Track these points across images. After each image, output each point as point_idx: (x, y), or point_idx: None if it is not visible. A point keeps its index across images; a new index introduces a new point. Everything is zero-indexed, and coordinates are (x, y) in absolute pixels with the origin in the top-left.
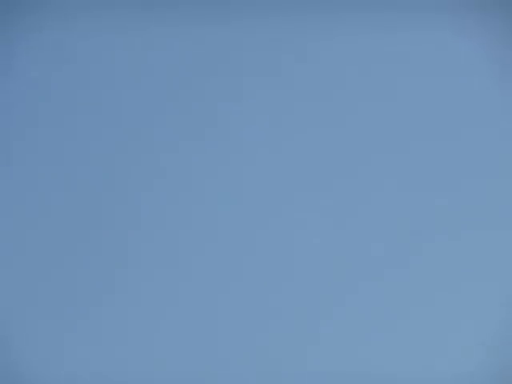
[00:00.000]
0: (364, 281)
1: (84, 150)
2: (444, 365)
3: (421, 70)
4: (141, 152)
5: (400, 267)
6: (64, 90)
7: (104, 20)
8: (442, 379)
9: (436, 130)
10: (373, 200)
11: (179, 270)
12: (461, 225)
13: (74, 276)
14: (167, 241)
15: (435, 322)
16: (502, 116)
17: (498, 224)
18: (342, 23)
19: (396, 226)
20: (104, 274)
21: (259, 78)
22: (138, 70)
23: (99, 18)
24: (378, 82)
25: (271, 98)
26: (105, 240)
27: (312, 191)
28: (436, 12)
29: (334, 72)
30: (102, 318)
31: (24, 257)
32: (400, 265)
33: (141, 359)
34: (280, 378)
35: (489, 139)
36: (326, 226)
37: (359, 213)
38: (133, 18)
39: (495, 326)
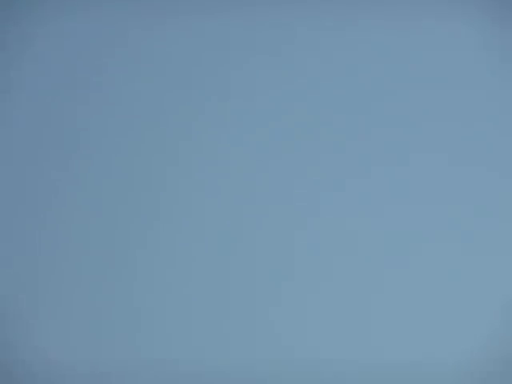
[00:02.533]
0: (365, 279)
1: (85, 144)
2: (444, 355)
3: (420, 59)
4: (142, 146)
5: (400, 265)
6: (66, 86)
7: (105, 14)
8: (441, 368)
9: (437, 120)
10: (375, 198)
11: (180, 269)
12: (462, 221)
13: (77, 272)
14: (167, 240)
15: (434, 315)
16: (502, 106)
17: (500, 220)
18: (345, 14)
19: (397, 226)
20: (105, 271)
21: (261, 72)
22: (139, 64)
23: (100, 12)
24: (379, 71)
25: (274, 92)
26: (108, 237)
27: (316, 188)
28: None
29: (337, 64)
30: (102, 314)
31: (27, 254)
32: (400, 262)
33: (143, 354)
34: (281, 371)
35: (489, 129)
36: (326, 227)
37: (360, 211)
38: (134, 12)
39: (495, 317)
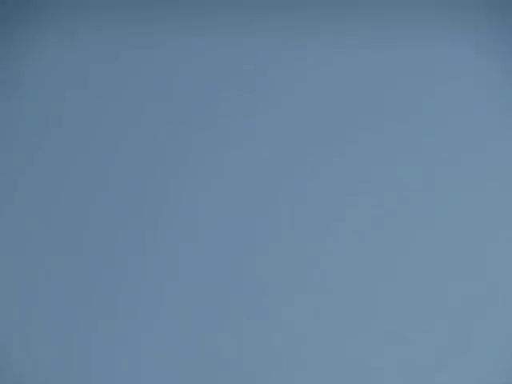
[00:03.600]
0: (363, 291)
1: (88, 155)
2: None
3: (420, 78)
4: (143, 157)
5: (397, 273)
6: (71, 99)
7: (109, 28)
8: None
9: (436, 137)
10: (373, 202)
11: (179, 271)
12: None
13: (75, 282)
14: (167, 245)
15: (436, 342)
16: (504, 124)
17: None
18: (342, 33)
19: (394, 231)
20: (104, 277)
21: (258, 86)
22: (143, 78)
23: (104, 26)
24: (377, 89)
25: (270, 103)
26: (106, 244)
27: (311, 190)
28: (435, 19)
29: (333, 81)
30: (101, 324)
31: (25, 262)
32: (397, 270)
33: (141, 365)
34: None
35: (490, 145)
36: (322, 232)
37: (357, 216)
38: (137, 26)
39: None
